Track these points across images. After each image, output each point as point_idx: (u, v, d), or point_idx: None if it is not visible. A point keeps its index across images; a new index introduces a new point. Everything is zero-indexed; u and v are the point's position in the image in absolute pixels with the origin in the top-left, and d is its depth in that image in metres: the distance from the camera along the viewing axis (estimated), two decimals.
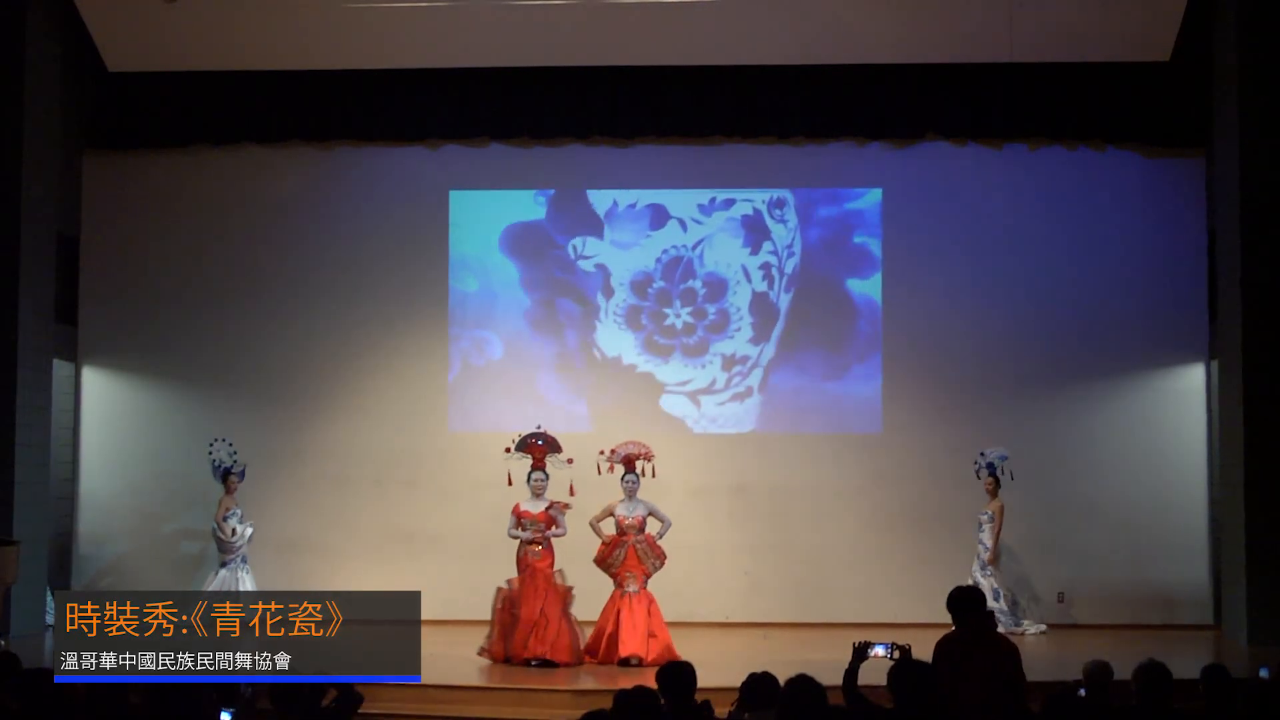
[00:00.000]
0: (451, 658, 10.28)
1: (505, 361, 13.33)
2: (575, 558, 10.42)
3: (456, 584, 12.32)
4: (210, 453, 12.50)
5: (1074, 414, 12.89)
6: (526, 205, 13.45)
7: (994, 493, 12.28)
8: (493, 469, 10.88)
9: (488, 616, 10.37)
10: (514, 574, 10.33)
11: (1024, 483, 12.80)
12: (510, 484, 10.66)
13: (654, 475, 10.57)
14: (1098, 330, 12.93)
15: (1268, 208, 11.65)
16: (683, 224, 13.53)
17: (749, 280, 13.51)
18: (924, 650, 6.28)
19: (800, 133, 13.14)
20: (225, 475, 12.47)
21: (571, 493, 10.44)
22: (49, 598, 12.18)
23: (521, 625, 10.04)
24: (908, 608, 12.52)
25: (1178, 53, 12.56)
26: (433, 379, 13.25)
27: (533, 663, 9.97)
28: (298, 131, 13.32)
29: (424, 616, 12.64)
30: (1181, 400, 12.88)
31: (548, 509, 10.32)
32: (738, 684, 6.07)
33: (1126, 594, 12.63)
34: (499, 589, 10.28)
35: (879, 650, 6.05)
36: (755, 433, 13.13)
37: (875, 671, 6.01)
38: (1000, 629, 11.88)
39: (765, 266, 13.51)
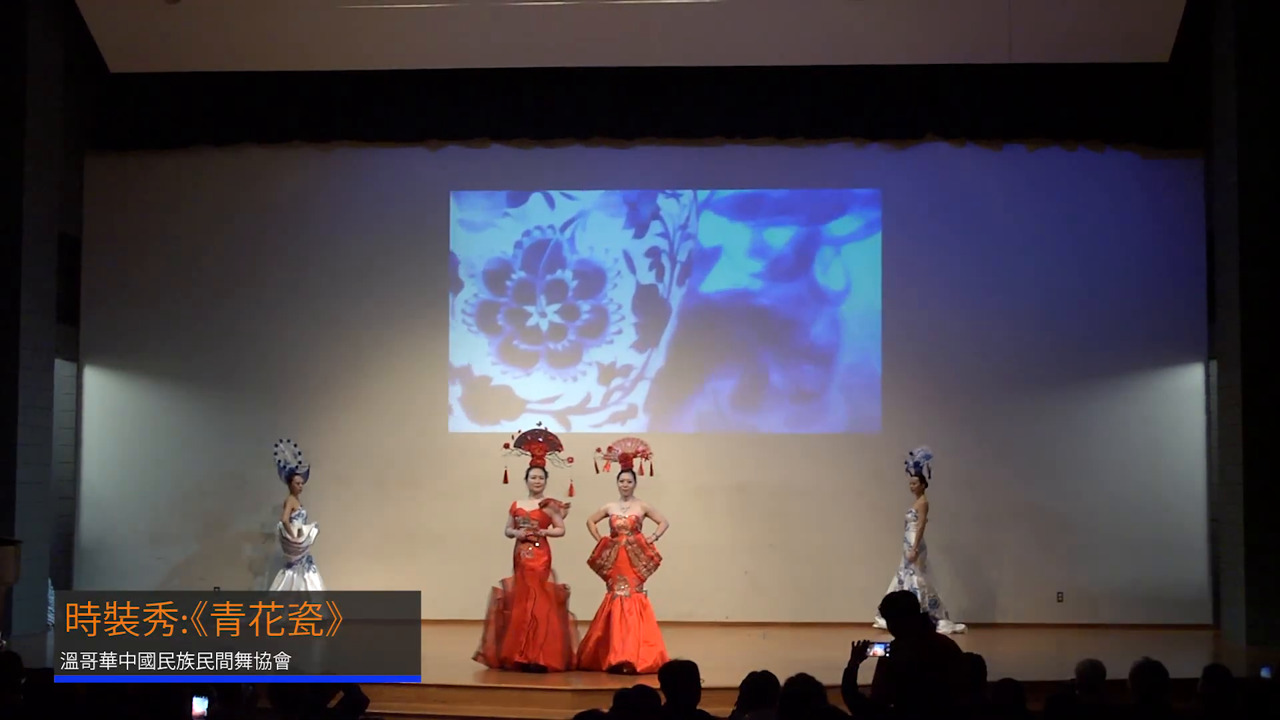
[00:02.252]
0: (451, 658, 10.28)
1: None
2: (575, 558, 10.40)
3: (456, 584, 12.31)
4: (275, 453, 12.48)
5: (1073, 414, 12.90)
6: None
7: (919, 491, 12.28)
8: (492, 468, 10.88)
9: (486, 617, 10.33)
10: (511, 574, 10.25)
11: (1023, 482, 12.85)
12: (506, 481, 10.64)
13: (651, 473, 10.55)
14: (1097, 330, 12.94)
15: (1266, 208, 11.67)
16: (549, 199, 13.19)
17: (632, 270, 13.29)
18: None
19: (800, 133, 13.15)
20: (290, 476, 12.46)
21: (571, 492, 10.39)
22: (50, 597, 12.20)
23: (512, 625, 9.93)
24: None
25: (1177, 53, 12.58)
26: (433, 379, 13.26)
27: (524, 667, 9.82)
28: (298, 132, 13.34)
29: (424, 616, 12.73)
30: (1180, 400, 12.90)
31: (543, 507, 10.22)
32: (738, 684, 6.09)
33: (1126, 594, 12.65)
34: (494, 589, 10.20)
35: (879, 650, 6.07)
36: (756, 433, 13.10)
37: (875, 671, 6.03)
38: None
39: (653, 253, 13.23)
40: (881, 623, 11.61)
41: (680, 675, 5.69)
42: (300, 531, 12.33)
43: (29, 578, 11.08)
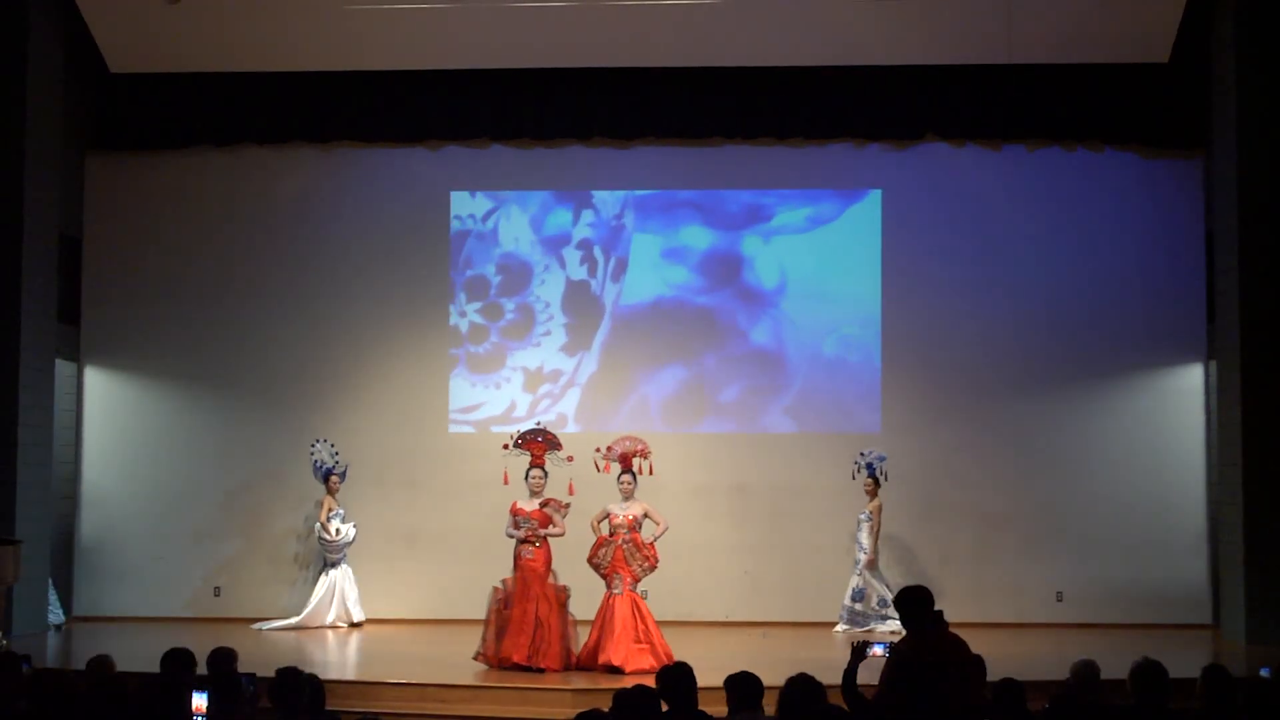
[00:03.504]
0: (451, 658, 10.29)
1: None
2: (575, 558, 10.41)
3: (456, 584, 12.36)
4: (312, 453, 12.53)
5: (1073, 414, 12.90)
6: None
7: (873, 493, 12.29)
8: (492, 469, 10.88)
9: (486, 617, 10.33)
10: (511, 574, 10.23)
11: (1023, 482, 12.85)
12: (506, 482, 10.65)
13: (651, 473, 10.55)
14: (1096, 330, 12.94)
15: (1266, 208, 11.68)
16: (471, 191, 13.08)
17: (562, 266, 13.25)
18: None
19: (800, 133, 13.16)
20: (327, 475, 12.49)
21: (570, 491, 10.40)
22: (51, 597, 12.21)
23: (512, 624, 9.92)
24: None
25: (1176, 54, 12.58)
26: (433, 379, 13.26)
27: (524, 667, 9.79)
28: (299, 132, 13.35)
29: (424, 616, 12.79)
30: (1180, 400, 12.90)
31: (543, 507, 10.21)
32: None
33: (1125, 593, 12.65)
34: (494, 588, 10.20)
35: (879, 650, 6.07)
36: (756, 433, 13.09)
37: (875, 671, 6.03)
38: (845, 629, 11.97)
39: (585, 245, 13.25)
40: (891, 625, 11.67)
41: (680, 679, 5.70)
42: (338, 530, 12.35)
43: (29, 578, 11.09)
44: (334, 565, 12.40)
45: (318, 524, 12.45)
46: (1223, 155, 12.12)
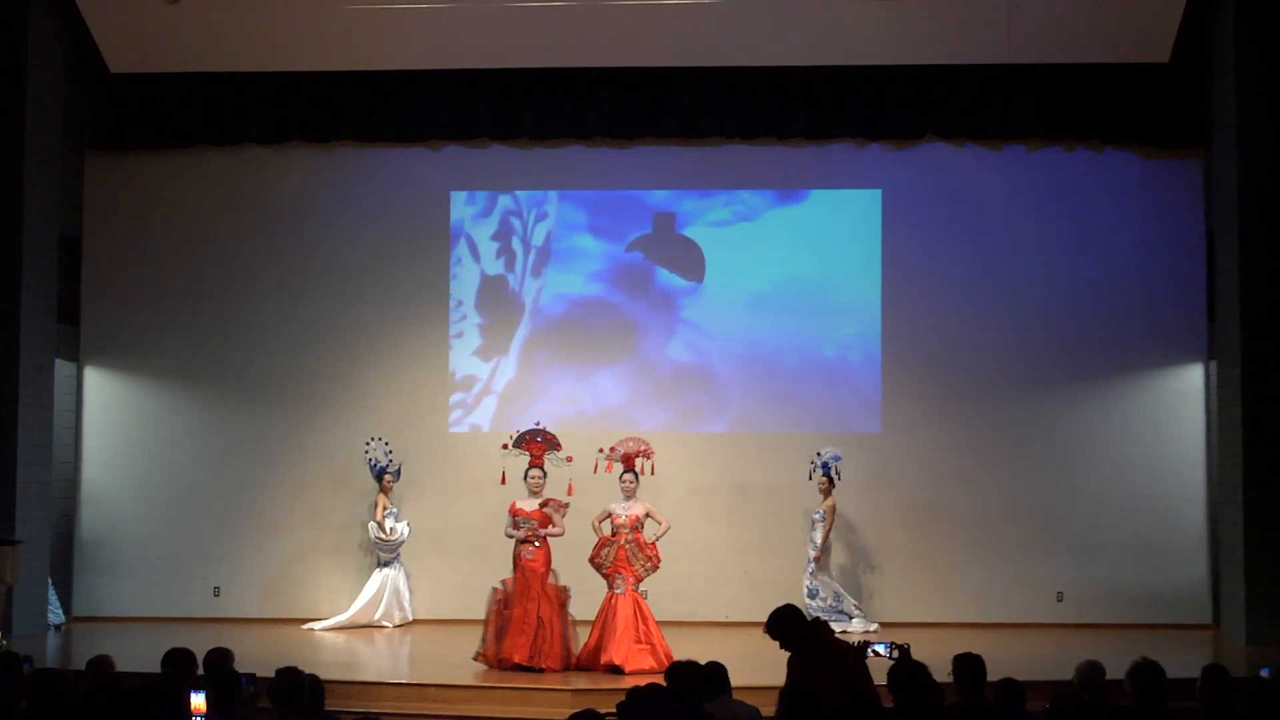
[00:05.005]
0: (451, 658, 10.29)
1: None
2: (575, 558, 10.41)
3: (456, 584, 12.36)
4: (366, 452, 12.54)
5: (1073, 414, 12.90)
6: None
7: (827, 492, 12.29)
8: (492, 469, 10.88)
9: (486, 617, 10.32)
10: (510, 574, 10.22)
11: (1023, 482, 12.84)
12: (504, 482, 10.65)
13: (653, 473, 10.55)
14: (1097, 330, 12.94)
15: (1266, 208, 11.68)
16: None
17: (476, 259, 13.22)
18: (924, 650, 6.29)
19: (800, 133, 13.15)
20: (381, 474, 12.48)
21: (570, 491, 10.40)
22: (51, 597, 12.21)
23: (512, 624, 9.91)
24: (908, 607, 12.56)
25: (1176, 54, 12.58)
26: (433, 379, 13.26)
27: (524, 667, 9.79)
28: (298, 132, 13.34)
29: (424, 616, 12.79)
30: (1180, 400, 12.90)
31: (542, 507, 10.20)
32: (737, 684, 6.09)
33: (1125, 593, 12.64)
34: (494, 589, 10.19)
35: (879, 650, 6.07)
36: (758, 434, 13.09)
37: (875, 671, 6.03)
38: None
39: (501, 236, 13.24)
40: (842, 625, 11.69)
41: (690, 678, 5.73)
42: (392, 529, 12.35)
43: (29, 578, 11.10)
44: (387, 564, 12.38)
45: (372, 523, 12.42)
46: (1223, 155, 12.12)
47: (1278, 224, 11.67)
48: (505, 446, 10.55)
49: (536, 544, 10.10)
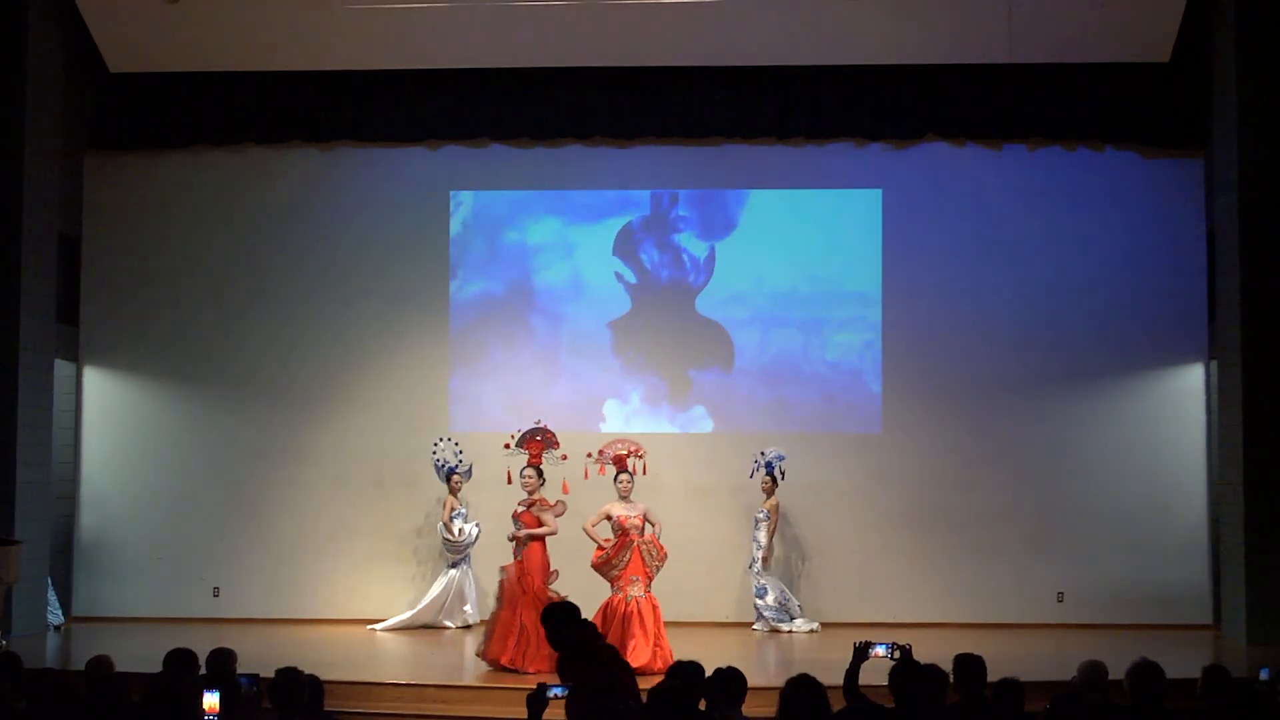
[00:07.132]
0: (452, 658, 10.29)
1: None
2: (576, 558, 10.40)
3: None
4: (434, 453, 12.47)
5: (1073, 413, 12.89)
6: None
7: (770, 492, 12.30)
8: (493, 469, 10.87)
9: (487, 617, 10.32)
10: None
11: (1023, 483, 12.84)
12: (510, 482, 10.64)
13: (644, 472, 10.54)
14: (1097, 330, 12.93)
15: (1266, 208, 11.67)
16: None
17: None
18: (924, 650, 6.28)
19: (800, 133, 13.14)
20: (449, 475, 12.41)
21: (565, 490, 10.39)
22: (50, 597, 12.20)
23: (499, 627, 9.92)
24: (908, 608, 12.56)
25: (1177, 53, 12.57)
26: (432, 379, 13.25)
27: (511, 670, 9.78)
28: (298, 132, 13.33)
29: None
30: (1181, 400, 12.89)
31: (530, 508, 10.17)
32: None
33: (1126, 594, 12.63)
34: (500, 581, 10.19)
35: (879, 650, 6.06)
36: (758, 434, 13.06)
37: (876, 671, 6.02)
38: (764, 627, 11.97)
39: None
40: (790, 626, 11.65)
41: (693, 677, 5.75)
42: (461, 530, 12.29)
43: (29, 578, 11.11)
44: (454, 565, 12.31)
45: (440, 524, 12.37)
46: (1223, 155, 12.11)
47: (1278, 224, 11.66)
48: (507, 446, 10.56)
49: (524, 545, 10.05)
